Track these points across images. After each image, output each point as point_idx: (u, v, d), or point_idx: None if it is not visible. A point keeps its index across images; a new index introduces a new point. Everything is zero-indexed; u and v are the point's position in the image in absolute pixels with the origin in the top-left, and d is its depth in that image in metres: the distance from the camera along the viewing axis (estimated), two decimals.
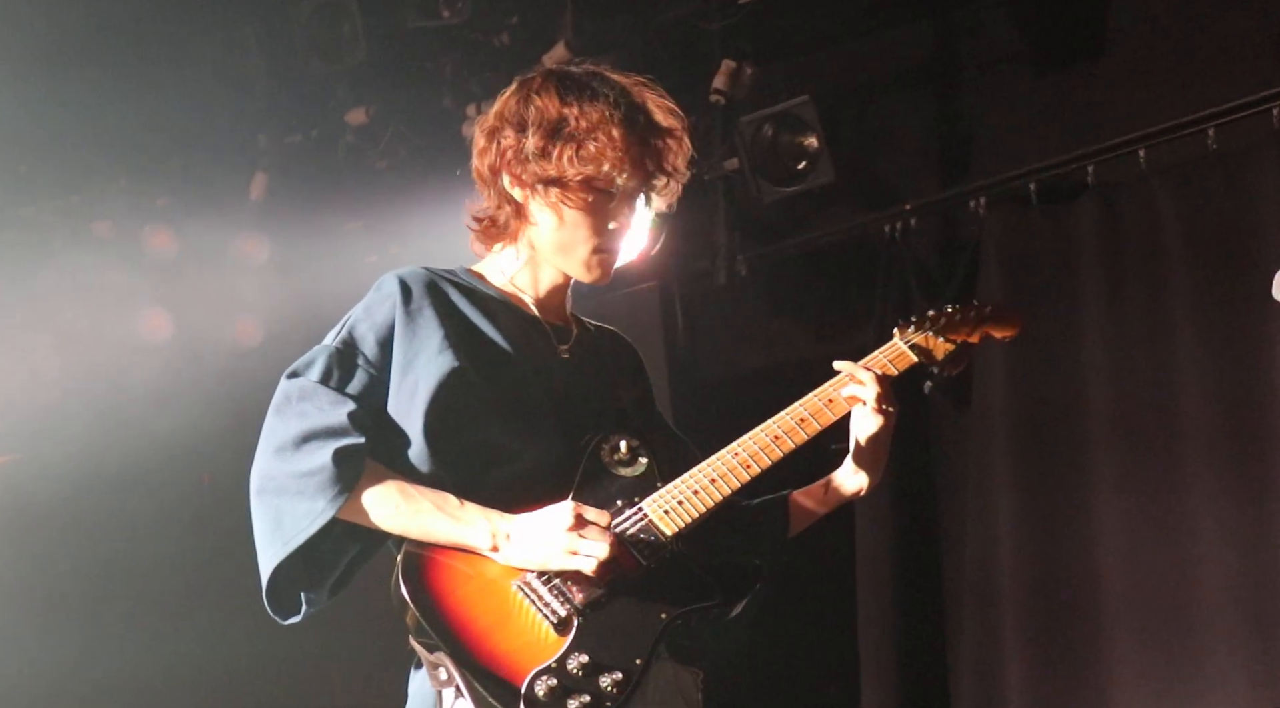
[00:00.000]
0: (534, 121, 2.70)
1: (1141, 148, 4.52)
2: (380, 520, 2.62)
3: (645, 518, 2.68)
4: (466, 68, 5.35)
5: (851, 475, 2.89)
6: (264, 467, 2.65)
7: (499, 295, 2.80)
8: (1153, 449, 4.40)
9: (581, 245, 2.75)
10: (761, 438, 2.76)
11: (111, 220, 5.87)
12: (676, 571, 2.67)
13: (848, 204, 5.10)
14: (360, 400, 2.65)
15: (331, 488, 2.58)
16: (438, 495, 2.63)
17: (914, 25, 5.03)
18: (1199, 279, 4.37)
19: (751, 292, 5.21)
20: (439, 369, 2.65)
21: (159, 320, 5.82)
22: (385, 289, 2.73)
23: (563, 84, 2.73)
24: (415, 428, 2.64)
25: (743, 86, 4.91)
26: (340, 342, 2.70)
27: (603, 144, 2.67)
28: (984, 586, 4.65)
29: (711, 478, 2.72)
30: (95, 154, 5.67)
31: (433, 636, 2.55)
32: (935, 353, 2.92)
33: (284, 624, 2.72)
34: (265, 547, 2.63)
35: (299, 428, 2.62)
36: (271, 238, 5.78)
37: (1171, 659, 4.31)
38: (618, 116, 2.69)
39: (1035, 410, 4.63)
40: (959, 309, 2.97)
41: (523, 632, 2.58)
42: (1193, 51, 4.54)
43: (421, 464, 2.65)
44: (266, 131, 5.65)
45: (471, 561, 2.62)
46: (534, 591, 2.61)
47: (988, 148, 4.91)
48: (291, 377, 2.69)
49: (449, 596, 2.60)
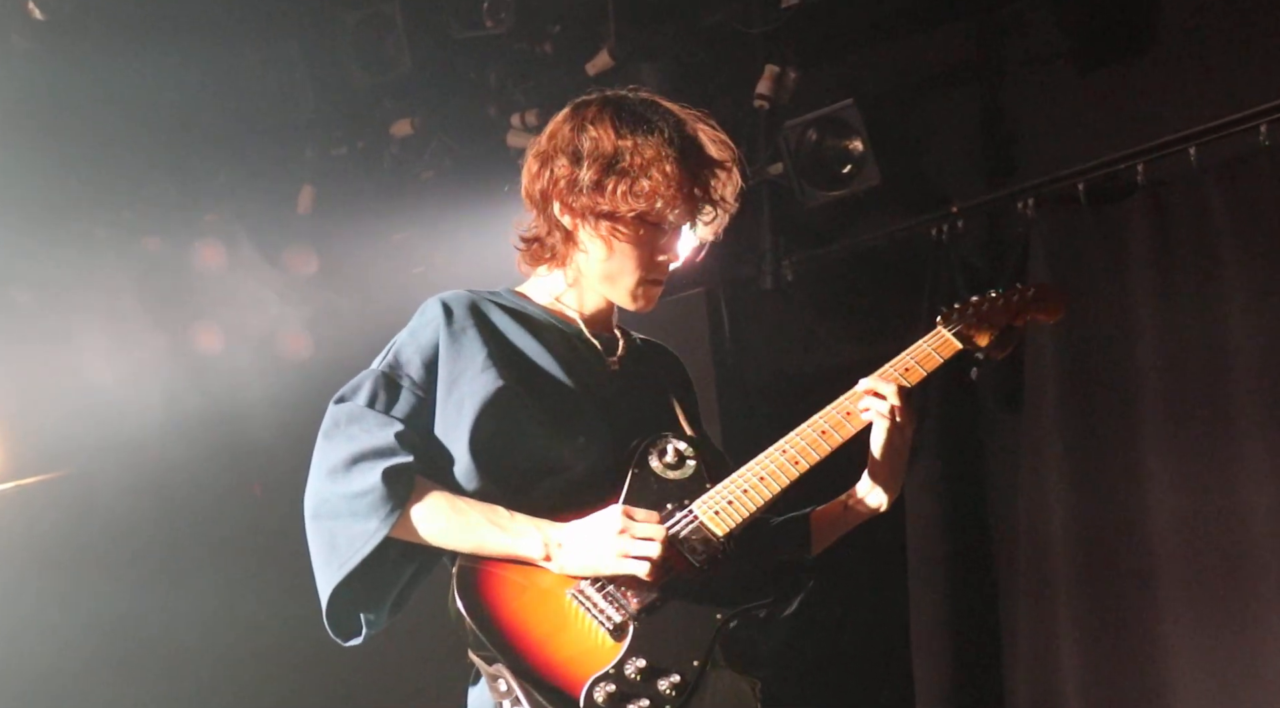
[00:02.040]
0: (589, 153, 2.72)
1: (1192, 146, 4.46)
2: (432, 536, 2.65)
3: (696, 519, 2.69)
4: (510, 77, 5.37)
5: (869, 492, 2.89)
6: (316, 490, 2.68)
7: (544, 314, 2.83)
8: (1204, 430, 4.36)
9: (629, 276, 2.78)
10: (809, 433, 2.77)
11: (162, 235, 5.93)
12: (729, 571, 2.68)
13: (894, 207, 5.07)
14: (407, 422, 2.68)
15: (383, 507, 2.61)
16: (488, 508, 2.65)
17: (957, 25, 5.00)
18: (1252, 278, 4.32)
19: (797, 296, 5.19)
20: (484, 388, 2.68)
21: (209, 334, 5.88)
22: (429, 313, 2.77)
23: (619, 115, 2.74)
24: (462, 446, 2.67)
25: (786, 91, 4.90)
26: (386, 366, 2.74)
27: (656, 181, 2.68)
28: (1037, 557, 4.63)
29: (760, 476, 2.73)
30: (145, 170, 5.73)
31: (490, 648, 2.57)
32: (980, 339, 2.92)
33: (345, 646, 2.75)
34: (322, 569, 2.67)
35: (348, 451, 2.65)
36: (319, 250, 5.83)
37: (1227, 620, 4.27)
38: (672, 153, 2.70)
39: (1087, 406, 4.59)
40: (1002, 295, 2.98)
41: (579, 639, 2.60)
42: (1242, 47, 4.48)
43: (469, 481, 2.67)
44: (313, 144, 5.69)
45: (525, 571, 2.64)
46: (588, 598, 2.62)
47: (1035, 148, 4.87)
48: (339, 402, 2.73)
49: (505, 607, 2.62)
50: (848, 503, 2.91)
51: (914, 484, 4.87)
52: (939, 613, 4.83)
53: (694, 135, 2.74)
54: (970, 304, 2.94)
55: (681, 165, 2.70)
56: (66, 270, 5.84)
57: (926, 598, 4.85)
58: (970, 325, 2.92)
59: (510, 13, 5.07)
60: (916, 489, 4.87)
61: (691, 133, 2.74)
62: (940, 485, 4.86)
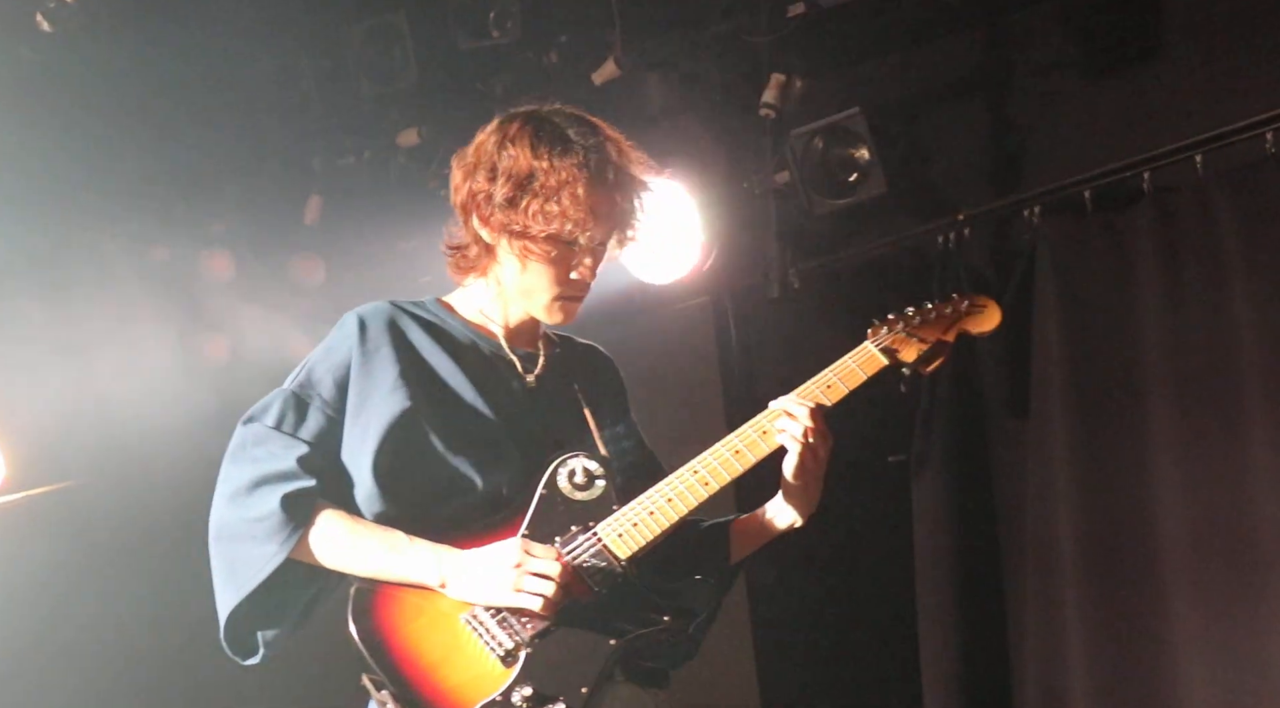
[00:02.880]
0: (505, 171, 2.73)
1: (1199, 153, 4.46)
2: (330, 561, 2.67)
3: (599, 542, 2.69)
4: (517, 87, 5.38)
5: (781, 510, 2.88)
6: (218, 514, 2.72)
7: (465, 328, 2.83)
8: (1212, 435, 4.36)
9: (543, 292, 2.79)
10: (721, 453, 2.77)
11: (169, 246, 5.94)
12: (628, 595, 2.69)
13: (900, 215, 5.07)
14: (314, 444, 2.70)
15: (282, 531, 2.63)
16: (386, 534, 2.66)
17: (963, 34, 5.00)
18: (1259, 285, 4.32)
19: (804, 305, 5.19)
20: (390, 409, 2.69)
21: (217, 344, 5.88)
22: (344, 329, 2.78)
23: (538, 134, 2.75)
24: (365, 470, 2.68)
25: (792, 100, 4.90)
26: (297, 384, 2.76)
27: (566, 204, 2.69)
28: (1044, 555, 4.62)
29: (669, 498, 2.73)
30: (152, 181, 5.74)
31: (378, 672, 2.59)
32: (906, 354, 2.92)
33: (243, 665, 2.78)
34: (222, 591, 2.69)
35: (251, 474, 2.69)
36: (327, 260, 5.84)
37: (1235, 619, 4.27)
38: (585, 175, 2.70)
39: (1094, 412, 4.59)
40: (935, 307, 2.98)
41: (469, 665, 2.60)
42: (1248, 54, 4.48)
43: (372, 504, 2.68)
44: (320, 155, 5.70)
45: (423, 595, 2.65)
46: (481, 623, 2.63)
47: (1041, 156, 4.87)
48: (248, 422, 2.76)
49: (398, 632, 2.63)
50: (765, 517, 2.90)
51: (921, 487, 4.87)
52: (946, 614, 4.82)
53: (612, 158, 2.75)
54: (901, 318, 2.94)
55: (593, 188, 2.71)
56: (74, 280, 5.85)
57: (934, 599, 4.85)
58: (898, 339, 2.92)
59: (516, 23, 5.07)
60: (924, 492, 4.87)
61: (610, 155, 2.75)
62: (947, 488, 4.85)
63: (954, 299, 3.01)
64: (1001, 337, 4.77)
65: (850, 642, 5.18)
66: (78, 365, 5.84)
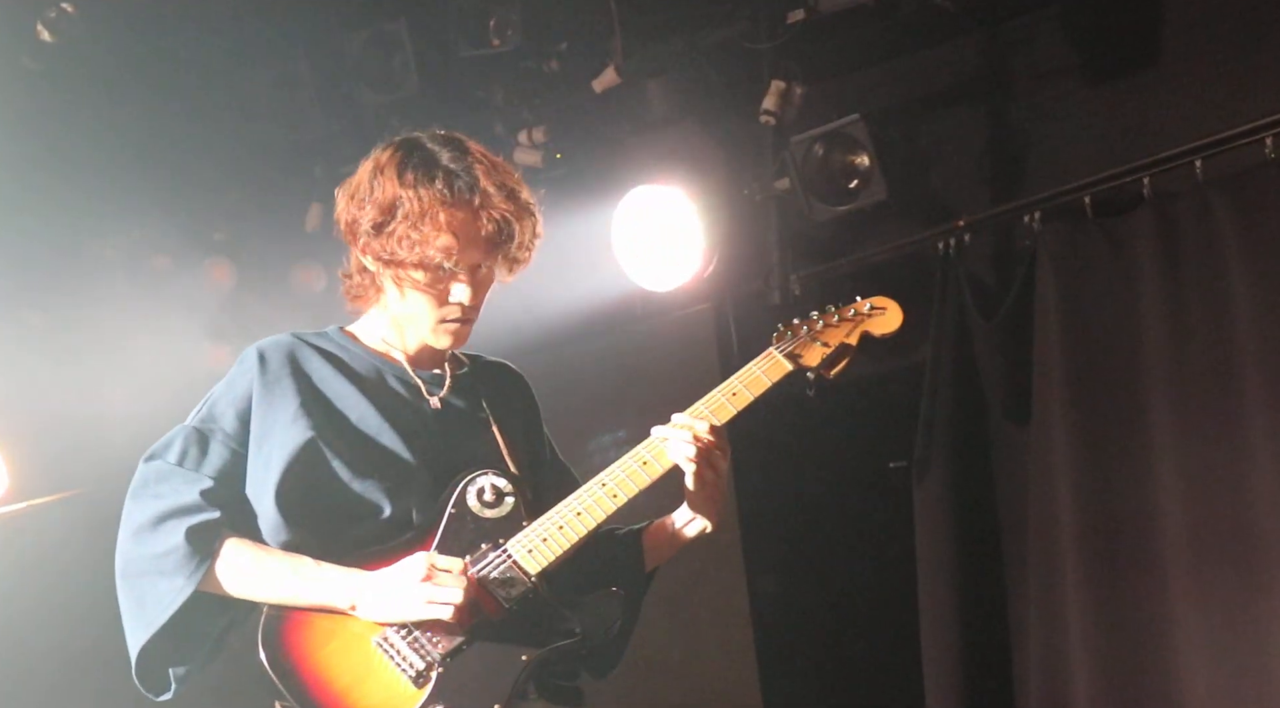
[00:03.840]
0: (373, 199, 2.74)
1: (1198, 158, 4.46)
2: (239, 591, 2.67)
3: (509, 558, 2.70)
4: (517, 95, 5.39)
5: (688, 520, 2.89)
6: (124, 551, 2.74)
7: (367, 355, 2.84)
8: (1212, 440, 4.36)
9: (424, 318, 2.79)
10: (629, 465, 2.77)
11: (171, 255, 5.95)
12: (538, 610, 2.69)
13: (901, 221, 5.07)
14: (217, 478, 2.71)
15: (188, 565, 2.64)
16: (293, 560, 2.67)
17: (963, 40, 5.00)
18: (1259, 290, 4.31)
19: (806, 311, 5.19)
20: (292, 440, 2.70)
21: (219, 352, 5.88)
22: (245, 363, 2.80)
23: (405, 161, 2.75)
24: (268, 500, 2.69)
25: (792, 106, 4.90)
26: (199, 420, 2.77)
27: (428, 230, 2.69)
28: (1046, 552, 4.62)
29: (577, 511, 2.74)
30: (154, 190, 5.75)
31: (290, 699, 2.59)
32: (810, 359, 2.95)
33: (156, 701, 2.78)
34: (132, 628, 2.72)
35: (154, 510, 2.69)
36: (328, 268, 5.83)
37: (1236, 612, 4.27)
38: (447, 199, 2.70)
39: (1095, 416, 4.58)
40: (838, 310, 3.01)
41: (381, 688, 2.61)
42: (1248, 60, 4.49)
43: (277, 534, 2.69)
44: (321, 163, 5.71)
45: (335, 619, 2.65)
46: (392, 646, 2.63)
47: (1041, 161, 4.88)
48: (149, 460, 2.76)
49: (309, 657, 2.63)
50: (675, 527, 2.91)
51: (923, 492, 4.87)
52: (948, 619, 4.82)
53: (480, 182, 2.73)
54: (805, 322, 2.98)
55: (461, 209, 2.70)
56: (76, 289, 5.85)
57: (936, 603, 4.84)
58: (802, 344, 2.95)
59: (517, 31, 5.08)
60: (925, 497, 4.87)
61: (478, 179, 2.73)
62: (948, 494, 4.85)
63: (856, 302, 3.03)
64: (1002, 343, 4.80)
65: (852, 649, 5.19)
66: (80, 375, 5.85)
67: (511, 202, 2.74)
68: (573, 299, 5.20)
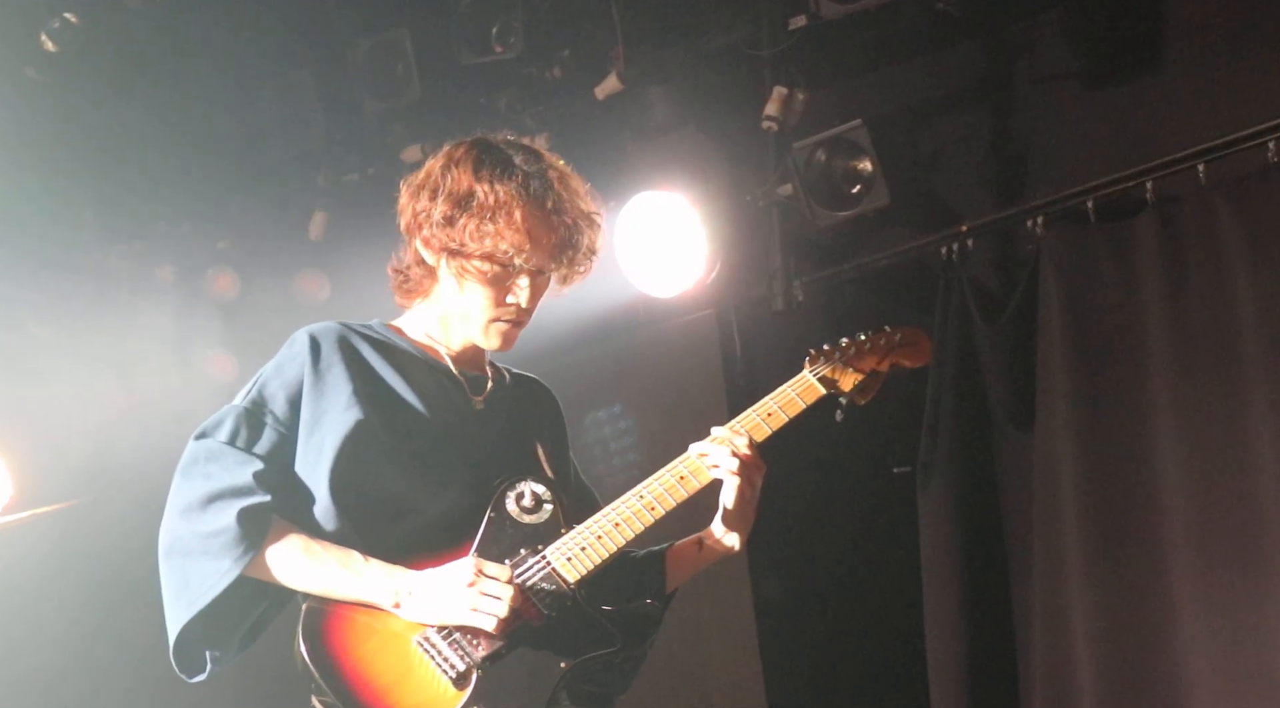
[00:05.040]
0: (446, 190, 2.77)
1: (1201, 162, 4.46)
2: (285, 578, 2.66)
3: (548, 565, 2.71)
4: (520, 102, 5.39)
5: (723, 535, 2.91)
6: (171, 528, 2.72)
7: (413, 349, 2.84)
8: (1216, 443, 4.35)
9: (479, 315, 2.80)
10: (667, 479, 2.79)
11: (174, 264, 5.96)
12: (578, 618, 2.70)
13: (904, 227, 5.08)
14: (268, 460, 2.70)
15: (237, 547, 2.63)
16: (342, 553, 2.66)
17: (965, 45, 5.01)
18: (1263, 294, 4.31)
19: (809, 317, 5.20)
20: (345, 425, 2.69)
21: (223, 362, 5.89)
22: (296, 346, 2.80)
23: (481, 158, 2.79)
24: (321, 484, 2.68)
25: (795, 112, 4.91)
26: (249, 401, 2.77)
27: (502, 225, 2.71)
28: (1051, 556, 4.62)
29: (615, 522, 2.75)
30: (157, 200, 5.77)
31: (330, 694, 2.59)
32: (844, 383, 2.97)
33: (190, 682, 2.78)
34: (173, 607, 2.71)
35: (205, 489, 2.68)
36: (332, 276, 5.84)
37: (1239, 597, 4.27)
38: (523, 197, 2.73)
39: (1100, 421, 4.58)
40: (870, 338, 3.02)
41: (422, 688, 2.61)
42: (1251, 63, 4.49)
43: (328, 521, 2.68)
44: (324, 171, 5.72)
45: (375, 615, 2.66)
46: (434, 646, 2.64)
47: (1044, 166, 4.88)
48: (200, 438, 2.77)
49: (349, 653, 2.63)
50: (703, 543, 2.93)
51: (927, 497, 4.88)
52: (953, 624, 4.82)
53: (554, 187, 2.76)
54: (837, 348, 2.99)
55: (531, 212, 2.73)
56: (79, 299, 5.86)
57: (940, 608, 4.84)
58: (836, 369, 2.97)
59: (519, 38, 5.09)
60: (930, 502, 4.87)
61: (554, 183, 2.76)
62: (953, 498, 4.85)
63: (885, 331, 3.05)
64: (1006, 347, 4.80)
65: (857, 654, 5.18)
66: (83, 385, 5.85)
67: (582, 210, 2.78)
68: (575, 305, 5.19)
